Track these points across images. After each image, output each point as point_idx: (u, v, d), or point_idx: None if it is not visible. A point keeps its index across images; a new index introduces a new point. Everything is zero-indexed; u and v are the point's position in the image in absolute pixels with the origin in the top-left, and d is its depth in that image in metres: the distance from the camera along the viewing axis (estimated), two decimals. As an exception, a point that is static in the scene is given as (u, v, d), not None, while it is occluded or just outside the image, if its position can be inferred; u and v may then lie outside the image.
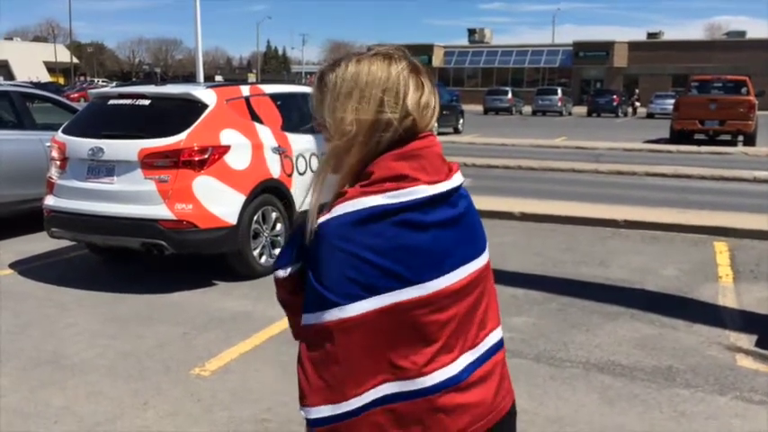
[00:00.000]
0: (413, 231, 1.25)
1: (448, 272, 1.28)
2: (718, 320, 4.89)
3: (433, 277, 1.26)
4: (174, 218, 5.38)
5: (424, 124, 1.32)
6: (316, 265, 1.24)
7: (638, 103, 42.46)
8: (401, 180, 1.27)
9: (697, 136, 19.73)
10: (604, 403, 3.64)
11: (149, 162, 5.43)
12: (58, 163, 5.86)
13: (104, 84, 41.01)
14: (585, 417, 3.49)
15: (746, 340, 4.52)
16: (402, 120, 1.29)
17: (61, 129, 6.11)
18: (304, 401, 1.26)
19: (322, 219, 1.26)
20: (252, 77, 68.09)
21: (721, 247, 6.97)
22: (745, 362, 4.19)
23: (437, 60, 61.18)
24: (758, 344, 4.44)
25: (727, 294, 5.52)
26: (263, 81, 13.14)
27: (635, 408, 3.59)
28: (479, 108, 40.74)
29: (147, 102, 5.88)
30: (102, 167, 5.61)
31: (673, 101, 24.94)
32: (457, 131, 23.82)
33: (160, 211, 5.38)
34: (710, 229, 7.54)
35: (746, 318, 4.97)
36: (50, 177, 5.94)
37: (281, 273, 1.35)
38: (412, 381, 1.26)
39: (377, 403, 1.25)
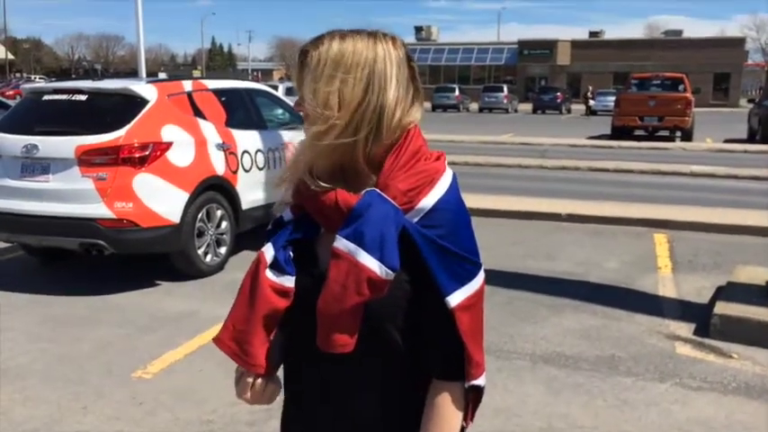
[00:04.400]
0: None
1: None
2: (658, 310, 5.03)
3: None
4: (114, 217, 5.22)
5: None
6: (455, 236, 1.21)
7: (592, 101, 37.90)
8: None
9: (637, 132, 20.32)
10: (550, 393, 3.70)
11: (87, 159, 5.25)
12: (-10, 161, 5.61)
13: (42, 81, 39.66)
14: (531, 407, 3.54)
15: (685, 329, 4.66)
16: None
17: (-7, 125, 5.86)
18: (479, 371, 1.24)
19: (438, 195, 1.21)
20: (197, 74, 66.91)
21: (661, 239, 7.18)
22: (684, 350, 4.32)
23: (385, 58, 61.17)
24: (696, 332, 4.58)
25: (666, 284, 5.69)
26: (208, 77, 12.91)
27: (579, 397, 3.65)
28: (427, 105, 41.00)
29: (84, 97, 5.69)
30: (36, 165, 5.40)
31: (614, 98, 25.59)
32: (405, 128, 23.82)
33: (99, 209, 5.21)
34: (650, 221, 7.76)
35: (685, 307, 5.12)
36: (-19, 176, 5.68)
37: (392, 275, 1.18)
38: None
39: None
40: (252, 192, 6.32)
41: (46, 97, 5.87)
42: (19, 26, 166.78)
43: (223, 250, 6.06)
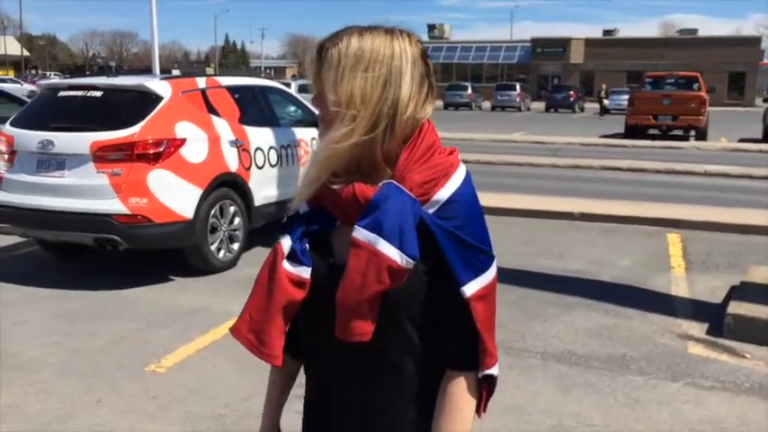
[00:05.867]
0: None
1: None
2: (670, 310, 5.01)
3: None
4: (129, 212, 5.26)
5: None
6: (470, 227, 1.24)
7: (606, 100, 35.72)
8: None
9: (651, 131, 20.19)
10: (561, 392, 3.69)
11: (102, 155, 5.30)
12: (6, 156, 5.67)
13: (57, 77, 39.98)
14: (542, 405, 3.54)
15: (698, 328, 4.63)
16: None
17: (9, 121, 5.92)
18: (493, 360, 1.25)
19: (453, 187, 1.23)
20: (210, 71, 67.20)
21: (674, 239, 7.14)
22: (696, 349, 4.30)
23: (397, 55, 61.15)
24: (709, 332, 4.56)
25: (679, 284, 5.66)
26: (222, 74, 12.98)
27: (590, 396, 3.65)
28: (439, 103, 40.96)
29: (99, 93, 5.74)
30: (52, 161, 5.45)
31: (627, 97, 25.44)
32: (417, 126, 23.80)
33: (113, 205, 5.25)
34: (664, 221, 7.72)
35: (698, 307, 5.09)
36: (-2, 171, 5.75)
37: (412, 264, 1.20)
38: None
39: None
40: (264, 188, 6.35)
41: (62, 93, 5.92)
42: (34, 23, 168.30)
43: (236, 246, 6.09)
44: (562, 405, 3.54)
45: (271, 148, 6.48)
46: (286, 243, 1.28)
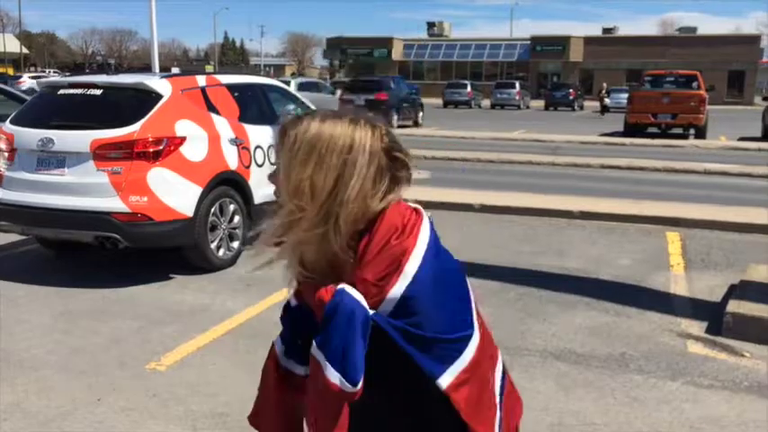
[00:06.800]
0: None
1: None
2: (669, 308, 5.02)
3: None
4: (129, 210, 5.26)
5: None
6: (434, 318, 1.19)
7: (607, 99, 34.53)
8: None
9: (650, 129, 20.19)
10: (560, 390, 3.70)
11: (102, 153, 5.30)
12: (6, 154, 5.67)
13: (56, 74, 39.92)
14: (542, 403, 3.54)
15: (697, 327, 4.64)
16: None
17: (9, 119, 5.92)
18: None
19: (406, 281, 1.18)
20: (210, 69, 67.11)
21: (673, 237, 7.15)
22: (696, 348, 4.31)
23: (397, 54, 61.20)
24: (708, 330, 4.57)
25: (678, 282, 5.67)
26: (221, 72, 12.97)
27: (590, 394, 3.66)
28: (439, 101, 40.92)
29: (98, 92, 5.74)
30: (52, 159, 5.45)
31: (627, 95, 25.43)
32: (417, 124, 23.82)
33: (114, 203, 5.26)
34: (663, 219, 7.73)
35: (697, 305, 5.10)
36: (-2, 169, 5.75)
37: (356, 387, 1.18)
38: None
39: None
40: (264, 186, 6.35)
41: (61, 91, 5.92)
42: (33, 20, 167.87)
43: (235, 244, 6.10)
44: (562, 403, 3.55)
45: (270, 146, 6.48)
46: (278, 344, 1.35)
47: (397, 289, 1.17)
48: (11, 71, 58.22)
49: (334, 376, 1.15)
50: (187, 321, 4.68)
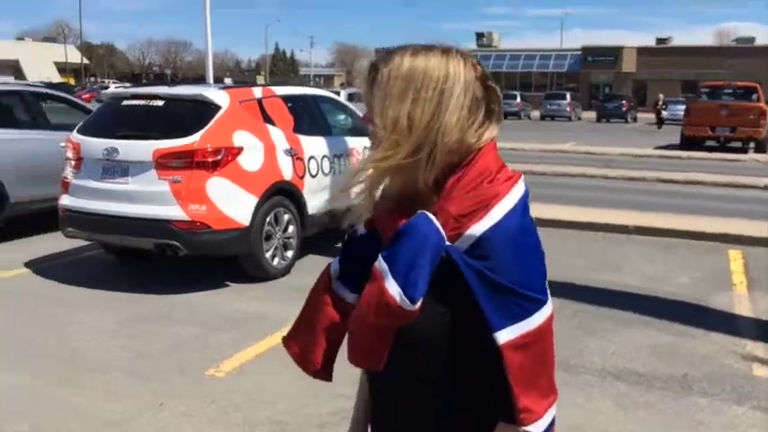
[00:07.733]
0: None
1: None
2: (733, 329, 4.86)
3: None
4: (188, 218, 5.39)
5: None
6: (510, 268, 1.13)
7: (665, 112, 32.82)
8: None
9: (708, 142, 19.66)
10: (620, 411, 3.62)
11: (163, 162, 5.45)
12: (73, 163, 5.88)
13: (115, 85, 41.15)
14: (602, 425, 3.47)
15: (762, 349, 4.49)
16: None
17: (76, 129, 6.14)
18: (531, 417, 1.15)
19: (491, 221, 1.14)
20: (261, 79, 68.24)
21: (735, 255, 6.93)
22: (762, 371, 4.16)
23: (445, 64, 61.09)
24: (774, 353, 4.41)
25: (742, 303, 5.49)
26: (274, 83, 13.17)
27: (652, 416, 3.57)
28: (488, 112, 40.64)
29: (160, 102, 5.90)
30: (116, 167, 5.63)
31: (683, 107, 24.83)
32: (466, 135, 23.72)
33: (174, 211, 5.39)
34: (723, 236, 7.49)
35: (762, 326, 4.93)
36: (65, 177, 5.96)
37: (414, 306, 1.14)
38: None
39: None
40: (318, 197, 6.42)
41: (125, 102, 6.12)
42: (93, 31, 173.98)
43: (290, 254, 6.17)
44: (622, 425, 3.48)
45: (324, 156, 6.56)
46: (334, 264, 1.29)
47: (479, 227, 1.13)
48: (72, 81, 60.34)
49: (393, 289, 1.11)
50: (244, 329, 4.75)
